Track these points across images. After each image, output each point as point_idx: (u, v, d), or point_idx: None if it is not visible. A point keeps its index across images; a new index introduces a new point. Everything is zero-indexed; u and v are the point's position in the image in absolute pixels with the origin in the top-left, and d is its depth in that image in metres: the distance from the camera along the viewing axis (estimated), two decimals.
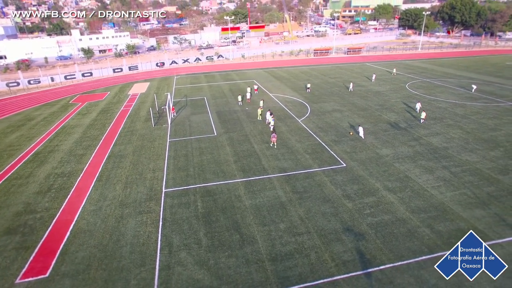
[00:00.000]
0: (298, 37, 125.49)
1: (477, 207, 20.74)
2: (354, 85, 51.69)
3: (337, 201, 21.71)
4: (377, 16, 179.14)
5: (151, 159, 29.30)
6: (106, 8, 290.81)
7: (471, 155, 27.76)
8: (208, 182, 24.79)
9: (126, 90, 57.69)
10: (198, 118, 39.77)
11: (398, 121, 36.45)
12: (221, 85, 57.35)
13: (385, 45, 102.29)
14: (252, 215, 20.54)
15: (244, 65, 78.84)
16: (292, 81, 58.34)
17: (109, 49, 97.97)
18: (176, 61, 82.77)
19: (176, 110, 43.00)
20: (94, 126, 39.12)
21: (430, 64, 72.35)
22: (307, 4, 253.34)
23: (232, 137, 33.27)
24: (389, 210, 20.67)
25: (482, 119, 36.40)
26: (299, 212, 20.68)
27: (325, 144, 30.62)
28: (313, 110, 41.19)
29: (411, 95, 47.12)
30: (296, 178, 24.82)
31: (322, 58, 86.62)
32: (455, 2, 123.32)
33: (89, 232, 19.74)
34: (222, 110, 42.44)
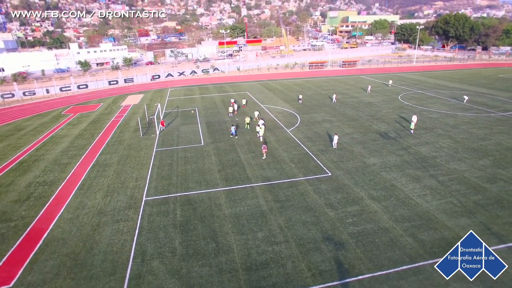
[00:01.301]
0: (295, 51, 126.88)
1: (462, 216, 20.19)
2: (338, 96, 51.75)
3: (319, 210, 21.17)
4: (373, 31, 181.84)
5: (135, 168, 28.90)
6: (108, 24, 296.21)
7: (459, 164, 27.34)
8: (190, 191, 24.31)
9: (119, 101, 57.76)
10: (187, 129, 39.55)
11: (388, 131, 36.18)
12: (214, 97, 57.44)
13: (380, 59, 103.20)
14: (231, 224, 19.99)
15: (239, 78, 79.30)
16: (285, 93, 58.46)
17: (106, 62, 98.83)
18: (172, 74, 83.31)
19: (167, 121, 42.83)
20: (83, 136, 38.86)
21: (424, 77, 72.71)
22: (305, 19, 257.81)
23: (219, 147, 32.94)
24: (372, 219, 20.11)
25: (472, 129, 36.13)
26: (279, 221, 20.13)
27: (312, 154, 30.23)
28: (303, 120, 41.00)
29: (403, 106, 47.04)
30: (280, 187, 24.34)
31: (317, 71, 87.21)
32: (449, 17, 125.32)
33: (62, 240, 19.17)
34: (212, 121, 42.28)
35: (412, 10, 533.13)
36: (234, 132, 35.38)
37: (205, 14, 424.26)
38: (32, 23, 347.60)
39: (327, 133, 35.86)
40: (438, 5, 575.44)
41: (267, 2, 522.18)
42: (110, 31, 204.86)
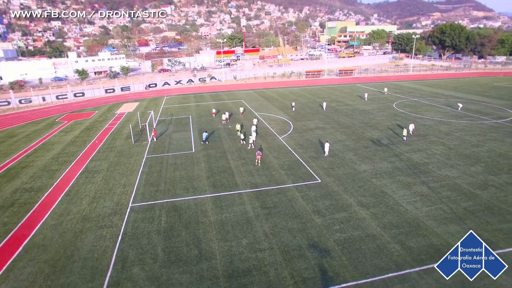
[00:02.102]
0: (292, 60, 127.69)
1: (452, 223, 19.82)
2: (332, 104, 51.79)
3: (306, 216, 20.80)
4: (371, 41, 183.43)
5: (124, 175, 28.59)
6: (108, 33, 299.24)
7: (451, 171, 27.04)
8: (177, 197, 23.97)
9: (114, 109, 57.73)
10: (179, 136, 39.35)
11: (381, 138, 35.97)
12: (209, 105, 57.40)
13: (377, 68, 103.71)
14: (215, 231, 19.60)
15: (235, 87, 79.52)
16: (280, 101, 58.46)
17: (104, 71, 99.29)
18: (169, 82, 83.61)
19: (160, 128, 42.69)
20: (75, 143, 38.64)
21: (419, 85, 72.90)
22: (304, 30, 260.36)
23: (209, 154, 32.68)
24: (360, 226, 19.73)
25: (465, 135, 35.93)
26: (265, 227, 19.74)
27: (302, 161, 29.96)
28: (296, 128, 40.83)
29: (397, 113, 46.95)
30: (268, 193, 24.00)
31: (313, 79, 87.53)
32: (445, 27, 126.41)
33: (43, 247, 18.75)
34: (205, 128, 42.10)
35: (410, 21, 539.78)
36: (204, 138, 35.81)
37: (205, 25, 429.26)
38: (34, 33, 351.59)
39: (319, 140, 35.63)
40: (436, 16, 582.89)
41: (267, 12, 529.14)
42: (110, 40, 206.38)
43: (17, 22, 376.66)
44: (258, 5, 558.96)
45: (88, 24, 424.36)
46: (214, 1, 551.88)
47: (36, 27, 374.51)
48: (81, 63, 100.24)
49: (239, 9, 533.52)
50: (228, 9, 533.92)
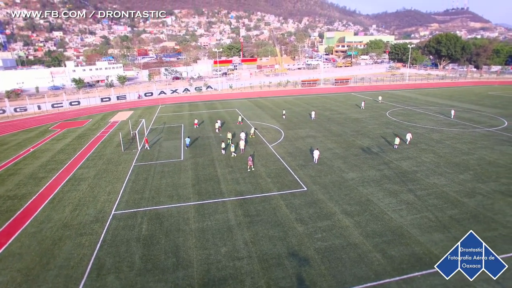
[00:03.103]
0: (289, 70, 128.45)
1: (436, 231, 19.51)
2: (325, 112, 51.79)
3: (288, 225, 20.50)
4: (369, 50, 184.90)
5: (110, 182, 28.37)
6: (109, 44, 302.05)
7: (439, 179, 26.80)
8: (160, 205, 23.71)
9: (108, 117, 57.75)
10: (169, 144, 39.23)
11: (371, 146, 35.81)
12: (203, 113, 57.46)
13: (373, 77, 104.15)
14: (195, 239, 19.30)
15: (231, 96, 79.76)
16: (273, 110, 58.49)
17: (102, 80, 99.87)
18: (165, 91, 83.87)
19: (151, 136, 42.62)
20: (65, 151, 38.49)
21: (414, 94, 73.08)
22: (302, 40, 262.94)
23: (197, 162, 32.50)
24: (342, 234, 19.42)
25: (456, 143, 35.77)
26: (245, 235, 19.44)
27: (290, 169, 29.75)
28: (287, 136, 40.71)
29: (389, 121, 46.89)
30: (252, 201, 23.74)
31: (309, 88, 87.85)
32: (441, 37, 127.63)
33: (19, 255, 18.43)
34: (196, 136, 42.01)
35: (409, 31, 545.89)
36: (188, 144, 37.18)
37: (205, 35, 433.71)
38: (35, 43, 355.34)
39: (309, 148, 35.46)
40: (434, 26, 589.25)
41: (266, 23, 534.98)
42: (110, 50, 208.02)
43: (20, 32, 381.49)
44: (258, 16, 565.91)
45: (89, 34, 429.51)
46: (214, 12, 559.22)
47: (38, 37, 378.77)
48: (79, 72, 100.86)
49: (239, 20, 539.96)
50: (228, 19, 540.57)
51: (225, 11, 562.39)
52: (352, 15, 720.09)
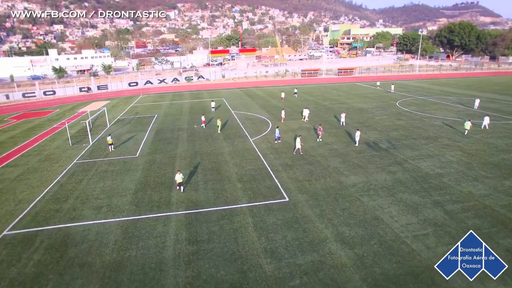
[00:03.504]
0: (291, 60, 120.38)
1: (488, 278, 11.96)
2: (310, 113, 44.13)
3: (251, 260, 13.12)
4: (375, 42, 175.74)
5: (30, 186, 21.25)
6: (107, 37, 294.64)
7: (475, 186, 19.21)
8: (78, 221, 16.48)
9: (79, 108, 50.66)
10: (130, 137, 31.97)
11: (379, 140, 28.20)
12: (184, 103, 50.12)
13: (380, 68, 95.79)
14: (101, 281, 12.02)
15: (222, 85, 72.25)
16: (266, 100, 50.91)
17: (87, 69, 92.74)
18: (152, 81, 76.62)
19: (115, 128, 35.49)
20: (2, 145, 31.46)
21: (427, 84, 64.98)
22: (306, 33, 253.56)
23: (154, 160, 25.20)
24: (335, 280, 12.01)
25: (489, 138, 28.01)
26: (180, 278, 12.13)
27: (271, 170, 22.31)
28: (275, 128, 33.20)
29: (400, 112, 39.12)
30: (207, 218, 16.38)
31: (309, 78, 79.99)
32: (453, 26, 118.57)
33: None
34: (165, 128, 34.74)
35: (416, 26, 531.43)
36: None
37: (208, 29, 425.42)
38: (35, 36, 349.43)
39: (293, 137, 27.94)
40: (442, 21, 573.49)
41: (271, 17, 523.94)
42: (107, 42, 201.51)
43: (20, 25, 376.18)
44: (263, 10, 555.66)
45: (90, 28, 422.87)
46: (218, 6, 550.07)
47: (38, 30, 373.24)
48: (62, 61, 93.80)
49: (243, 14, 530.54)
50: (232, 13, 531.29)
51: (229, 5, 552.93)
52: (359, 10, 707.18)
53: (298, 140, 24.58)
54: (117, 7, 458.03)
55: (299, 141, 24.48)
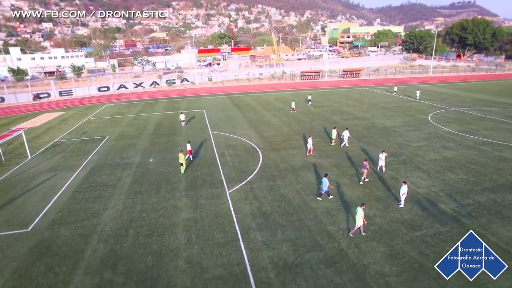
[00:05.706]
0: (288, 60, 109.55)
1: None
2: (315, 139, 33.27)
3: None
4: (377, 41, 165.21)
5: None
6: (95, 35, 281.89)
7: None
8: None
9: (17, 122, 39.48)
10: (46, 179, 20.98)
11: (436, 194, 17.42)
12: (152, 117, 39.12)
13: (388, 69, 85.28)
14: None
15: (209, 90, 61.30)
16: (257, 112, 40.04)
17: (57, 71, 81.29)
18: (126, 85, 65.46)
19: (41, 158, 24.49)
20: None
21: (449, 89, 54.44)
22: (304, 31, 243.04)
23: (50, 245, 14.25)
24: None
25: None
26: None
27: (251, 271, 11.40)
28: (267, 164, 22.28)
29: (441, 134, 28.39)
30: None
31: (310, 82, 69.22)
32: (466, 23, 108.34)
33: None
34: (106, 163, 23.82)
35: (414, 25, 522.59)
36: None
37: (201, 27, 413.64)
38: (21, 35, 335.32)
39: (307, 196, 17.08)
40: (439, 21, 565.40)
41: (267, 15, 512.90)
42: (93, 41, 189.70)
43: (7, 23, 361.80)
44: (259, 8, 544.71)
45: (81, 26, 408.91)
46: (213, 4, 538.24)
47: (25, 29, 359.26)
48: (26, 61, 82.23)
49: (239, 12, 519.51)
50: (227, 12, 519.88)
51: (224, 3, 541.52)
52: (356, 9, 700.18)
53: (359, 211, 13.36)
54: (110, 5, 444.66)
55: (360, 212, 13.30)
